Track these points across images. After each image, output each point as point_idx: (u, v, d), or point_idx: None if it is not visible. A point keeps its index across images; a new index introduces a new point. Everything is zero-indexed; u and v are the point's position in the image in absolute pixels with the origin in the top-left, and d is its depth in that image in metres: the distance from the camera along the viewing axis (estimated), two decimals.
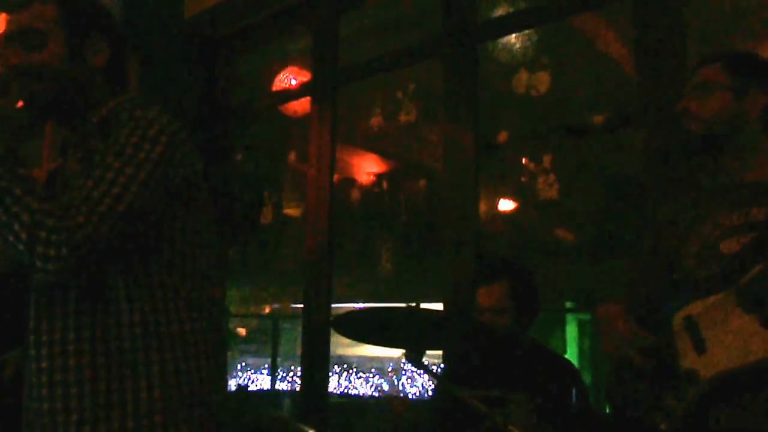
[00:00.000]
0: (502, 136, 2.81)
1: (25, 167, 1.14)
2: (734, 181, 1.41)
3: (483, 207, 2.93)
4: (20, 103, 1.25)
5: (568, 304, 5.04)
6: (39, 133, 1.42)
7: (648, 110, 2.26)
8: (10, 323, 1.65)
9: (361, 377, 4.41)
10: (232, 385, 4.05)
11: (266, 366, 4.29)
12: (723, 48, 2.37)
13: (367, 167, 3.92)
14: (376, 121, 3.19)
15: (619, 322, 1.39)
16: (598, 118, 2.64)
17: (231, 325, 4.17)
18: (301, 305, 3.20)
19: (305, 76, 3.40)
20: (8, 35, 1.26)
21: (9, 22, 1.27)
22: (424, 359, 1.99)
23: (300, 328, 3.71)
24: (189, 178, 1.24)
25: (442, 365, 2.87)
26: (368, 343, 2.27)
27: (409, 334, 2.04)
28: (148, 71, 2.76)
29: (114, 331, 1.17)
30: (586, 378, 5.29)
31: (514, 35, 3.04)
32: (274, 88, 3.52)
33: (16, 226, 1.07)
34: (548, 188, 2.84)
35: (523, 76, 2.77)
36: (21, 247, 1.08)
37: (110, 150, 1.17)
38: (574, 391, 2.01)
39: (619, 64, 3.08)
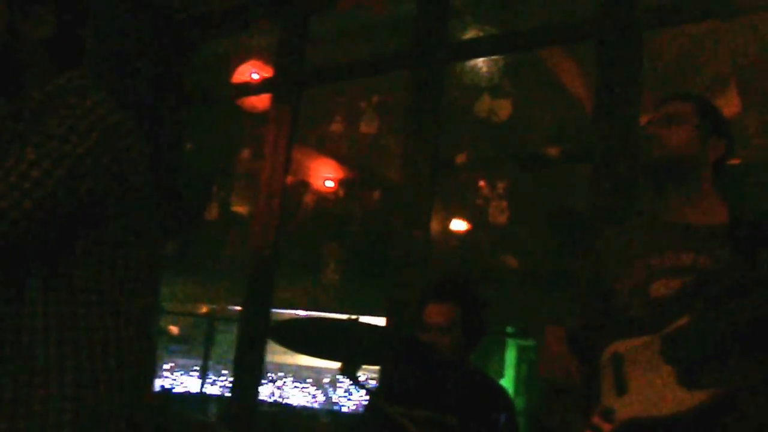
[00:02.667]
0: (461, 157, 2.81)
1: None
2: (673, 221, 1.42)
3: (435, 225, 2.92)
4: None
5: (509, 329, 5.09)
6: None
7: (597, 146, 2.30)
8: None
9: (296, 386, 4.31)
10: (157, 386, 3.90)
11: (196, 368, 4.14)
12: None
13: (323, 172, 3.87)
14: (337, 127, 3.15)
15: (560, 346, 1.40)
16: (554, 150, 2.68)
17: (162, 323, 4.01)
18: (240, 307, 3.11)
19: (268, 72, 3.32)
20: None
21: None
22: (359, 373, 1.95)
23: (235, 331, 3.61)
24: (126, 175, 1.14)
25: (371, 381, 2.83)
26: (305, 354, 2.22)
27: (347, 347, 1.99)
28: (98, 48, 2.64)
29: (26, 335, 1.07)
30: (519, 403, 5.35)
31: (481, 59, 3.07)
32: (234, 80, 3.42)
33: None
34: (499, 214, 2.86)
35: (486, 100, 2.79)
36: None
37: (31, 139, 1.06)
38: (503, 417, 2.01)
39: (579, 100, 3.15)
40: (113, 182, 1.12)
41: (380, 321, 2.66)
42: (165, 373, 4.37)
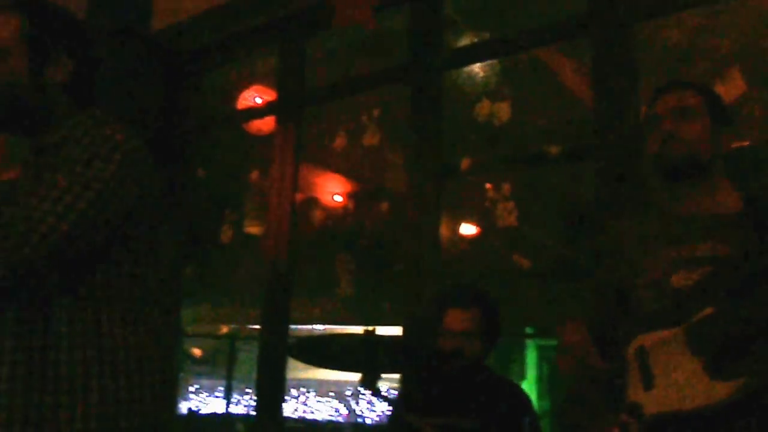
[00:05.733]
0: (465, 163, 2.84)
1: None
2: (687, 212, 1.41)
3: (445, 231, 2.94)
4: None
5: (528, 330, 5.08)
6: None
7: (602, 140, 2.32)
8: None
9: (318, 401, 4.33)
10: (184, 408, 3.94)
11: (221, 388, 4.18)
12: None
13: (330, 187, 3.91)
14: (340, 142, 3.19)
15: (581, 342, 1.40)
16: (555, 148, 2.70)
17: (185, 346, 4.06)
18: (259, 326, 3.15)
19: (271, 95, 3.39)
20: None
21: None
22: (380, 384, 1.97)
23: (256, 350, 3.65)
24: (144, 197, 1.21)
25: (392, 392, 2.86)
26: (326, 368, 2.25)
27: (365, 359, 2.02)
28: (109, 83, 2.71)
29: (52, 355, 1.12)
30: (544, 405, 5.31)
31: (477, 65, 3.10)
32: (239, 106, 3.50)
33: None
34: (507, 215, 2.88)
35: (486, 105, 2.82)
36: None
37: (60, 167, 1.14)
38: (525, 420, 2.02)
39: (577, 96, 3.17)
40: (135, 203, 1.20)
41: (396, 331, 2.69)
42: (191, 395, 4.42)
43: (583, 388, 1.48)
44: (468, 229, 3.58)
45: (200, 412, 4.19)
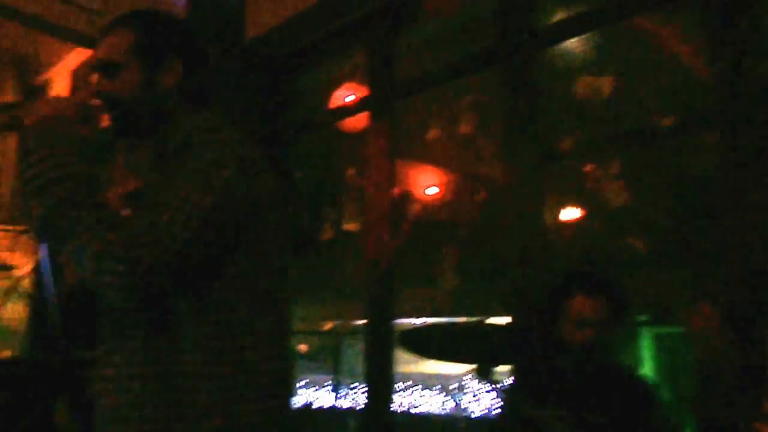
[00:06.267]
0: (566, 144, 2.72)
1: (103, 193, 1.15)
2: None
3: (549, 217, 2.83)
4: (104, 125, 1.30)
5: (642, 317, 4.80)
6: (119, 155, 1.46)
7: (724, 110, 2.14)
8: (85, 339, 1.70)
9: (424, 395, 4.32)
10: (298, 403, 4.06)
11: (328, 383, 4.27)
12: None
13: (424, 180, 3.88)
14: (433, 133, 3.16)
15: (714, 327, 1.30)
16: (667, 121, 2.52)
17: (292, 342, 4.16)
18: (364, 321, 3.18)
19: (362, 92, 3.41)
20: (91, 65, 1.35)
21: (94, 52, 1.34)
22: (493, 375, 1.93)
23: (361, 345, 3.68)
24: (259, 200, 1.23)
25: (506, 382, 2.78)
26: (435, 359, 2.23)
27: (478, 350, 1.98)
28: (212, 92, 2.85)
29: (177, 357, 1.17)
30: (666, 394, 5.00)
31: (573, 39, 2.95)
32: (331, 105, 3.55)
33: (87, 254, 1.08)
34: (616, 195, 2.73)
35: (586, 80, 2.69)
36: (89, 274, 1.09)
37: (179, 176, 1.17)
38: (651, 411, 1.90)
39: (686, 63, 2.94)
40: (250, 208, 1.21)
41: (503, 321, 2.61)
42: (299, 390, 4.56)
43: (719, 375, 1.38)
44: (571, 213, 3.43)
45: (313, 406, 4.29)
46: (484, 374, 1.94)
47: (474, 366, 1.93)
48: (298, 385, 4.76)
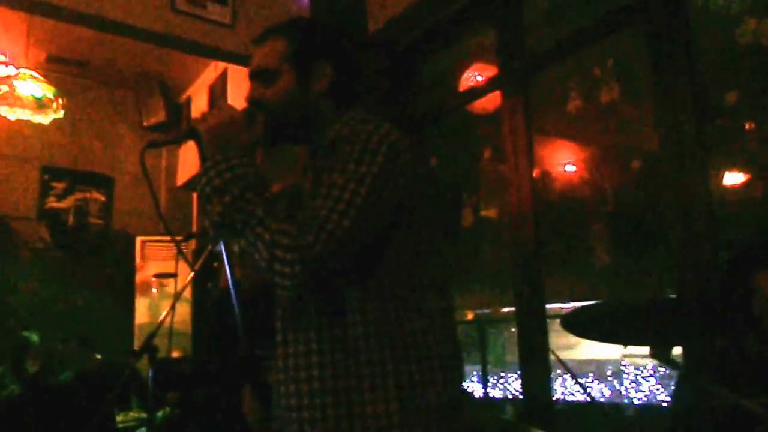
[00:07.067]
0: (730, 98, 2.44)
1: (269, 190, 1.22)
2: None
3: (714, 183, 2.56)
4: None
5: None
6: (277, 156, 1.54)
7: None
8: (265, 332, 1.79)
9: (578, 382, 4.13)
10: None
11: (475, 373, 4.21)
12: None
13: (560, 157, 3.69)
14: (572, 105, 2.97)
15: None
16: None
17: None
18: (507, 309, 3.09)
19: (492, 71, 3.30)
20: (250, 73, 1.40)
21: (252, 59, 1.40)
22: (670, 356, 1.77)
23: (506, 333, 3.58)
24: (413, 186, 1.24)
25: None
26: (604, 341, 2.09)
27: (654, 329, 1.82)
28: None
29: (351, 342, 1.19)
30: None
31: None
32: (460, 88, 3.47)
33: (260, 246, 1.15)
34: None
35: (750, 24, 2.39)
36: (263, 264, 1.15)
37: (335, 167, 1.20)
38: None
39: None
40: (404, 193, 1.22)
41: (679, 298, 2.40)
42: None
43: None
44: (736, 177, 3.09)
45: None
46: (662, 356, 1.78)
47: (649, 347, 1.78)
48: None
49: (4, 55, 4.77)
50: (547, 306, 3.01)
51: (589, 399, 3.06)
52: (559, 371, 4.23)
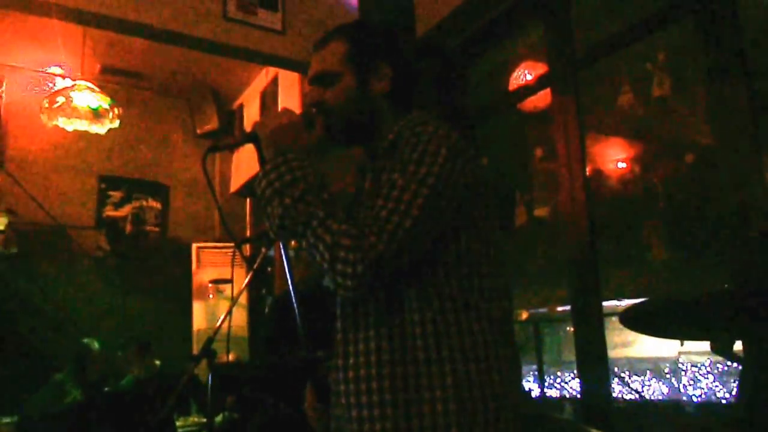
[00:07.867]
0: None
1: (328, 192, 1.24)
2: None
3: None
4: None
5: None
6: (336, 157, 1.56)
7: None
8: (321, 334, 1.83)
9: (635, 380, 4.07)
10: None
11: (531, 373, 4.19)
12: None
13: (611, 154, 3.66)
14: (624, 100, 2.95)
15: None
16: None
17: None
18: (562, 308, 3.07)
19: (541, 69, 3.30)
20: (309, 77, 1.43)
21: (312, 63, 1.43)
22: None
23: (561, 333, 3.56)
24: (472, 186, 1.24)
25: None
26: (666, 337, 2.08)
27: (714, 323, 1.81)
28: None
29: (409, 342, 1.20)
30: None
31: None
32: (510, 87, 3.48)
33: (321, 247, 1.16)
34: None
35: None
36: (324, 265, 1.16)
37: (395, 168, 1.21)
38: None
39: None
40: (464, 194, 1.23)
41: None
42: None
43: None
44: None
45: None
46: (725, 351, 1.77)
47: (709, 343, 1.77)
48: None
49: (61, 68, 4.97)
50: (603, 303, 2.99)
51: (638, 398, 3.01)
52: (615, 369, 4.17)
